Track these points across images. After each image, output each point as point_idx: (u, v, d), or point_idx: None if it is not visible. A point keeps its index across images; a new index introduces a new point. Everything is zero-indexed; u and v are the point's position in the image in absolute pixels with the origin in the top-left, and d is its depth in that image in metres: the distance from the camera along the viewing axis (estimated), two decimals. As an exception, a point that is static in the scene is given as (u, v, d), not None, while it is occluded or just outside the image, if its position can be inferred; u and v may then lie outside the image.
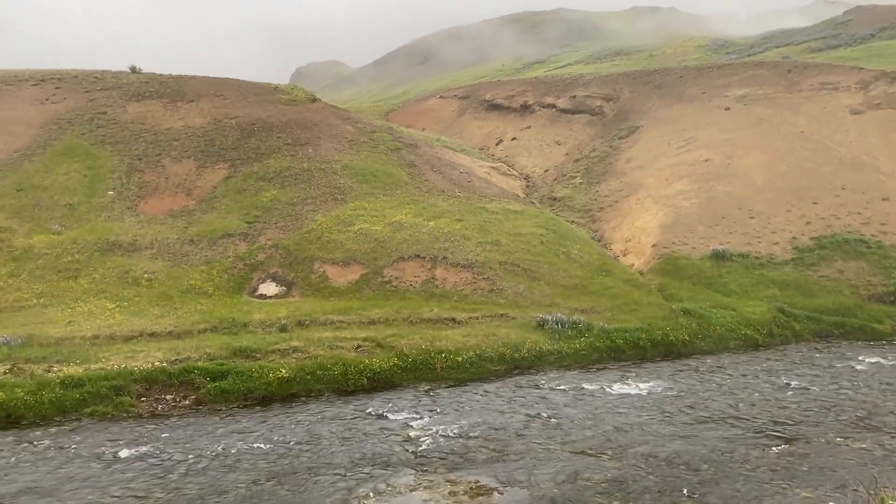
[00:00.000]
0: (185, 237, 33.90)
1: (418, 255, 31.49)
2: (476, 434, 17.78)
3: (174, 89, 49.08)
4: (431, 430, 18.12)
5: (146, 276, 30.60)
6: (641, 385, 21.80)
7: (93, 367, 21.42)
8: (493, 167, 48.71)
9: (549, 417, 18.95)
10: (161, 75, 52.59)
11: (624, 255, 35.06)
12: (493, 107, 62.24)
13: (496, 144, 56.32)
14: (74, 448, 16.90)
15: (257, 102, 48.51)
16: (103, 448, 16.84)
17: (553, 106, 57.62)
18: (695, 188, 38.48)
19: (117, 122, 44.25)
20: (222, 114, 45.96)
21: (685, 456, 16.18)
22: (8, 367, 21.39)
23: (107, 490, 14.53)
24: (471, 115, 63.46)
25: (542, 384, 22.05)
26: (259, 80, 57.25)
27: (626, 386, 21.77)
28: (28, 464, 15.97)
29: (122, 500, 14.12)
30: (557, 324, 25.96)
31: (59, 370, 21.15)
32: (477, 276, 30.26)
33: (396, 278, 30.46)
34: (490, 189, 42.12)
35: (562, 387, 21.72)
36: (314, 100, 52.20)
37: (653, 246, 34.27)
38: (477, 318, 27.03)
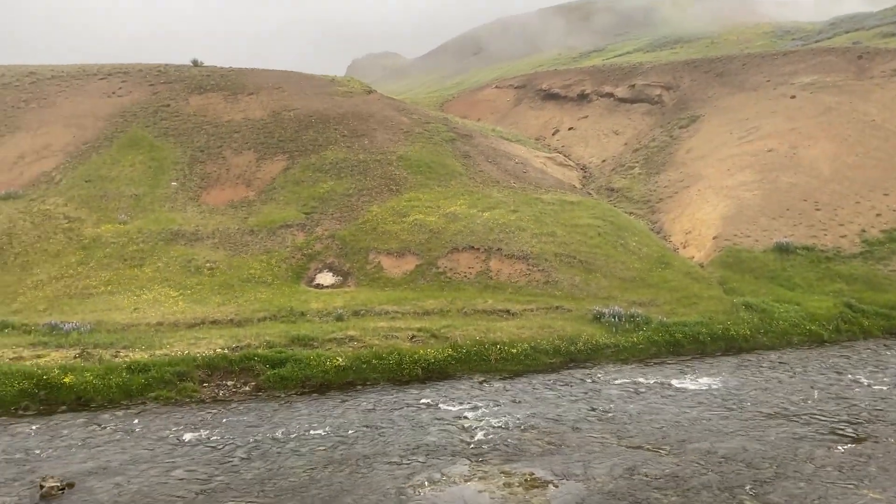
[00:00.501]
0: (245, 227, 34.62)
1: (472, 247, 31.46)
2: (531, 426, 17.70)
3: (235, 82, 50.09)
4: (486, 421, 18.11)
5: (208, 265, 31.37)
6: (701, 380, 21.36)
7: (157, 352, 22.08)
8: (549, 157, 48.28)
9: (605, 411, 18.73)
10: (222, 68, 53.73)
11: (683, 248, 34.35)
12: (550, 96, 61.63)
13: (552, 134, 55.78)
14: (140, 431, 17.46)
15: (315, 95, 49.14)
16: (167, 431, 17.36)
17: (611, 95, 56.73)
18: (758, 179, 37.40)
19: (180, 115, 45.40)
20: (281, 106, 46.70)
21: (746, 453, 15.78)
22: (78, 351, 22.23)
23: (171, 472, 14.98)
24: (527, 104, 62.98)
25: (599, 378, 21.81)
26: (316, 72, 57.97)
27: (684, 381, 21.36)
28: (97, 445, 16.57)
29: (185, 482, 14.54)
30: (614, 317, 25.62)
31: (126, 355, 21.87)
32: (532, 268, 30.07)
33: (451, 269, 30.51)
34: (546, 180, 41.76)
35: (619, 381, 21.44)
36: (370, 91, 52.60)
37: (713, 238, 33.48)
38: (532, 310, 26.88)
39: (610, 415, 18.47)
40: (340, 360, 21.84)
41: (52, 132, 43.41)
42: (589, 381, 21.54)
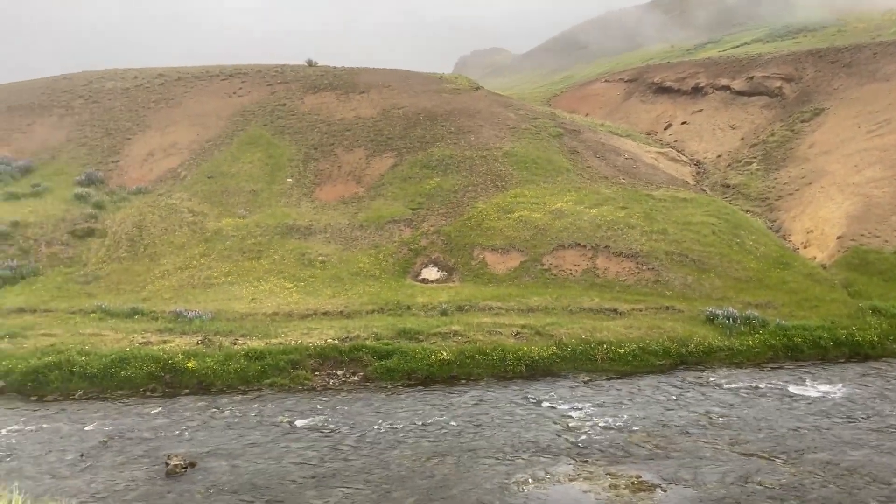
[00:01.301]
0: (354, 222, 35.57)
1: (579, 244, 31.01)
2: (638, 428, 17.29)
3: (347, 81, 51.50)
4: (591, 421, 17.84)
5: (320, 258, 32.45)
6: (821, 387, 20.18)
7: (272, 341, 23.08)
8: (660, 153, 46.87)
9: (717, 416, 18.04)
10: (335, 68, 55.38)
11: (804, 248, 32.51)
12: (662, 90, 59.78)
13: (664, 129, 54.10)
14: (255, 415, 18.32)
15: (423, 92, 49.80)
16: (281, 417, 18.13)
17: (727, 88, 54.37)
18: (888, 175, 34.86)
19: (295, 114, 47.16)
20: (391, 104, 47.63)
21: (872, 466, 14.79)
22: (200, 338, 23.57)
23: (284, 456, 15.64)
24: (637, 98, 61.38)
25: (711, 381, 21.02)
26: (424, 70, 58.74)
27: (803, 387, 20.25)
28: (216, 427, 17.52)
29: (297, 466, 15.14)
30: (729, 318, 24.60)
31: (244, 343, 22.99)
32: (641, 267, 29.33)
33: (556, 266, 30.20)
34: (657, 176, 40.59)
35: (732, 385, 20.59)
36: (477, 88, 52.78)
37: (838, 238, 31.49)
38: (640, 310, 26.22)
39: (722, 420, 17.77)
40: (445, 354, 22.08)
41: (178, 131, 46.12)
42: (700, 384, 20.80)
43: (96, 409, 18.94)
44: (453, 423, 17.71)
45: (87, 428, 17.49)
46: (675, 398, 19.55)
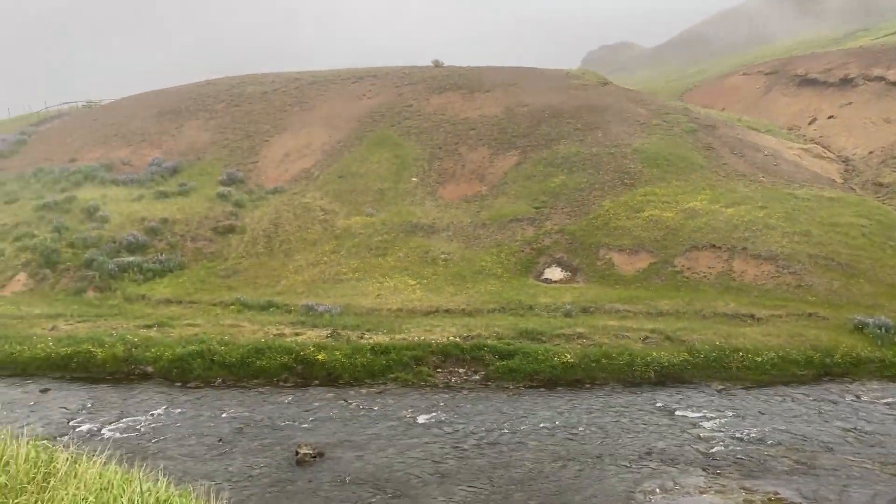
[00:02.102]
0: (477, 221, 35.65)
1: (714, 245, 29.55)
2: (776, 442, 16.20)
3: (472, 80, 51.76)
4: (725, 431, 16.90)
5: (443, 256, 32.75)
6: None
7: (397, 337, 23.49)
8: (804, 149, 43.90)
9: (865, 432, 16.59)
10: (460, 68, 55.80)
11: (972, 252, 29.41)
12: (806, 82, 55.99)
13: (808, 124, 50.65)
14: (380, 409, 18.67)
15: (548, 89, 49.22)
16: (404, 412, 18.37)
17: (882, 78, 50.11)
18: None
19: (421, 114, 47.90)
20: (515, 102, 47.41)
21: None
22: (329, 332, 24.35)
23: (407, 451, 15.82)
24: (779, 92, 57.82)
25: (860, 395, 19.38)
26: (550, 66, 58.05)
27: (972, 407, 18.26)
28: (344, 419, 18.00)
29: (419, 461, 15.26)
30: (881, 328, 22.61)
31: (370, 338, 23.54)
32: (781, 270, 27.54)
33: (688, 268, 28.93)
34: (800, 173, 38.03)
35: (884, 400, 18.89)
36: (605, 83, 51.56)
37: None
38: (780, 316, 24.62)
39: (871, 437, 16.32)
40: (569, 356, 21.62)
41: (311, 132, 48.02)
42: (847, 397, 19.22)
43: (233, 397, 19.96)
44: (577, 427, 17.29)
45: (224, 414, 18.46)
46: (817, 411, 18.18)
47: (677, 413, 18.24)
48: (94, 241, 35.12)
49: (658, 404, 18.91)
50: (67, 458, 4.63)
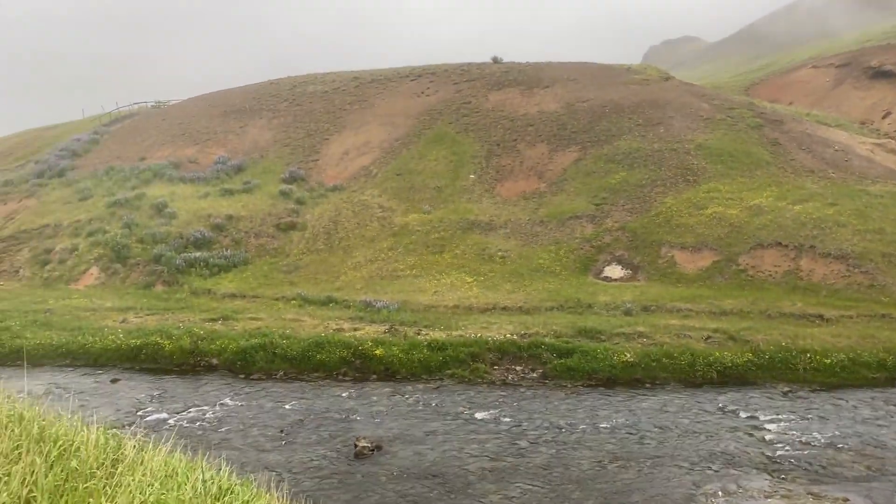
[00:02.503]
0: (535, 218, 35.43)
1: (780, 243, 28.67)
2: (846, 446, 15.59)
3: (531, 76, 51.43)
4: (791, 434, 16.36)
5: (500, 253, 32.67)
6: None
7: (453, 333, 23.55)
8: (877, 144, 42.14)
9: (946, 441, 15.82)
10: (519, 64, 55.51)
11: None
12: (880, 74, 53.73)
13: (882, 118, 48.59)
14: (436, 405, 18.74)
15: (609, 84, 48.53)
16: (461, 408, 18.40)
17: (962, 69, 47.74)
18: None
19: (479, 111, 47.85)
20: (575, 98, 46.91)
21: None
22: (387, 327, 24.58)
23: (464, 447, 15.84)
24: (850, 85, 55.65)
25: (938, 400, 18.50)
26: (611, 62, 57.22)
27: None
28: (401, 413, 18.15)
29: (476, 458, 15.26)
30: (960, 330, 21.56)
31: (427, 334, 23.66)
32: (852, 269, 26.52)
33: (753, 267, 28.13)
34: (873, 169, 36.53)
35: (965, 407, 17.98)
36: (667, 78, 50.54)
37: None
38: (850, 317, 23.72)
39: (953, 446, 15.55)
40: (628, 355, 21.29)
41: (370, 130, 48.53)
42: (924, 403, 18.37)
43: (294, 389, 20.35)
44: (636, 427, 17.01)
45: (286, 406, 18.83)
46: (890, 416, 17.42)
47: (741, 415, 17.76)
48: (162, 236, 36.30)
49: (721, 405, 18.45)
50: (135, 446, 4.80)
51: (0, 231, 41.64)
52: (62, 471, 3.72)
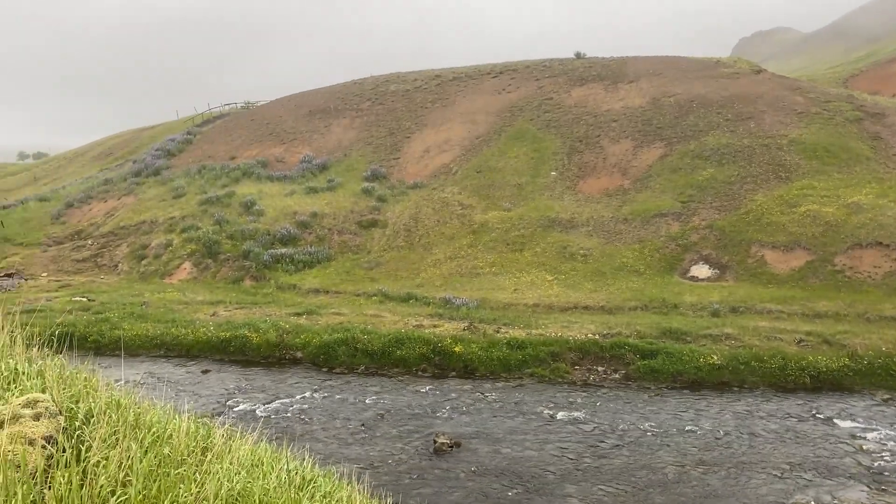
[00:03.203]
0: (618, 216, 34.73)
1: (881, 243, 27.13)
2: (955, 461, 14.61)
3: (615, 71, 50.47)
4: (891, 444, 15.46)
5: (581, 251, 32.20)
6: None
7: (533, 332, 23.35)
8: None
9: None
10: (603, 59, 54.57)
11: None
12: None
13: None
14: (516, 403, 18.64)
15: (697, 78, 47.08)
16: (541, 407, 18.24)
17: None
18: None
19: (561, 107, 47.29)
20: (661, 92, 45.74)
21: None
22: (466, 324, 24.61)
23: (543, 446, 15.69)
24: (960, 74, 52.15)
25: None
26: (699, 55, 55.52)
27: None
28: (480, 411, 18.14)
29: (556, 457, 15.10)
30: None
31: (506, 332, 23.56)
32: (962, 271, 24.83)
33: (850, 268, 26.72)
34: None
35: None
36: (758, 71, 48.59)
37: None
38: (960, 322, 22.20)
39: None
40: (715, 357, 20.61)
41: (450, 128, 48.70)
42: None
43: (375, 384, 20.65)
44: (723, 431, 16.44)
45: (367, 400, 19.13)
46: None
47: (836, 422, 16.91)
48: (250, 233, 37.51)
49: (814, 412, 17.61)
50: (223, 435, 4.94)
51: (101, 227, 43.98)
52: (155, 457, 3.88)
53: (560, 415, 17.68)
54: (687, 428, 16.70)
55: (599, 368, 21.15)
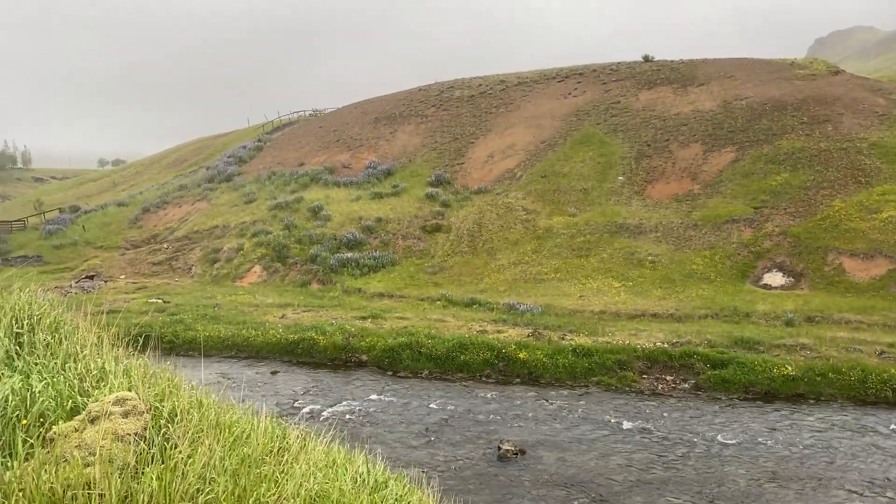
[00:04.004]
0: (688, 221, 33.99)
1: (971, 251, 25.75)
2: None
3: (684, 74, 49.47)
4: (984, 466, 14.62)
5: (650, 258, 31.62)
6: None
7: (600, 339, 23.05)
8: None
9: None
10: (672, 62, 53.55)
11: None
12: None
13: None
14: (582, 411, 18.41)
15: (770, 80, 45.71)
16: (608, 416, 17.97)
17: None
18: None
19: (629, 111, 46.61)
20: (732, 95, 44.60)
21: None
22: (531, 331, 24.47)
23: (609, 456, 15.45)
24: None
25: None
26: (772, 56, 53.86)
27: None
28: (545, 419, 18.00)
29: (623, 467, 14.84)
30: None
31: (571, 339, 23.32)
32: None
33: (937, 277, 25.46)
34: None
35: None
36: (836, 72, 46.85)
37: None
38: None
39: None
40: (790, 368, 19.91)
41: (515, 133, 48.59)
42: None
43: (439, 388, 20.73)
44: (798, 446, 15.86)
45: (431, 404, 19.22)
46: None
47: (922, 440, 16.09)
48: (318, 237, 38.26)
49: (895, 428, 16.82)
50: (298, 436, 5.06)
51: (175, 231, 45.57)
52: (238, 456, 4.00)
53: (627, 424, 17.38)
54: (760, 440, 16.18)
55: (668, 378, 20.71)
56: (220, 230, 42.97)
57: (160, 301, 32.20)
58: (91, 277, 40.01)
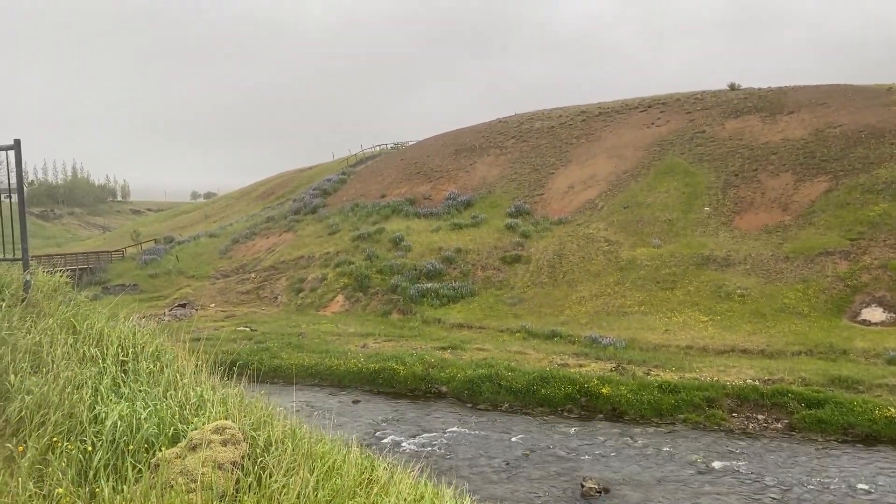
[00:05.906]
0: (779, 254, 32.73)
1: None
2: None
3: (773, 102, 48.03)
4: None
5: (738, 291, 30.55)
6: None
7: (686, 375, 22.32)
8: None
9: None
10: (759, 89, 52.12)
11: None
12: None
13: None
14: (668, 450, 17.81)
15: (866, 107, 43.79)
16: (696, 456, 17.32)
17: None
18: None
19: (715, 140, 45.51)
20: (824, 123, 42.95)
21: None
22: (614, 365, 23.95)
23: (698, 497, 14.85)
24: None
25: None
26: (865, 82, 51.67)
27: None
28: (629, 457, 17.50)
29: (712, 511, 14.24)
30: None
31: (657, 374, 22.68)
32: None
33: None
34: None
35: None
36: (939, 97, 44.46)
37: None
38: None
39: None
40: (893, 410, 18.72)
41: (596, 163, 48.15)
42: None
43: (519, 422, 20.49)
44: (906, 494, 14.84)
45: (512, 438, 19.01)
46: None
47: None
48: (398, 268, 38.77)
49: None
50: (385, 468, 5.10)
51: (262, 262, 47.08)
52: (329, 487, 4.07)
53: (716, 464, 16.70)
54: (860, 486, 15.23)
55: (759, 416, 19.82)
56: (304, 260, 44.14)
57: (247, 329, 33.23)
58: (183, 305, 41.75)
